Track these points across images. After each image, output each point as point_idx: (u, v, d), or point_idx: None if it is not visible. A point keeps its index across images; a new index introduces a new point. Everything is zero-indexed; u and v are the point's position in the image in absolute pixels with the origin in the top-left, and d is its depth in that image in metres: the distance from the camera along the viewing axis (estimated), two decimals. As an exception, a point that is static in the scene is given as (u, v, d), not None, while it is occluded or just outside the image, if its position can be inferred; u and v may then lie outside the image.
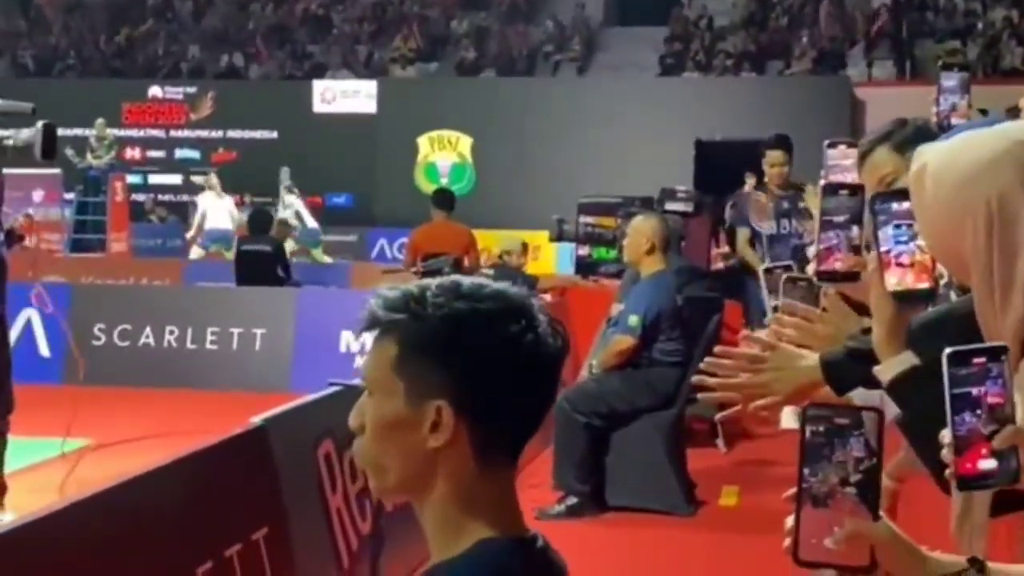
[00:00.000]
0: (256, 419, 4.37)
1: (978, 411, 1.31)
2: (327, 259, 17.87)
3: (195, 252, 17.15)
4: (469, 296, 1.42)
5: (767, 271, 2.51)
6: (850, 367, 2.15)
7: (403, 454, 1.44)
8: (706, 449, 7.62)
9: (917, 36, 22.34)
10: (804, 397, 2.23)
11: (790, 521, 1.31)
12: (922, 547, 1.34)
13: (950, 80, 2.86)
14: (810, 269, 2.11)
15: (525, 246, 10.72)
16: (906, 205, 1.82)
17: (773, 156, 8.11)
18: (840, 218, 1.99)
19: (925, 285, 1.81)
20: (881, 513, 1.31)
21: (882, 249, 1.83)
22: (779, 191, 8.04)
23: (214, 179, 18.04)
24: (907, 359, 1.82)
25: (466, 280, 1.45)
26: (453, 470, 1.43)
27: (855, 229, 1.99)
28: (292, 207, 18.06)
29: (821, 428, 1.30)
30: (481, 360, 1.41)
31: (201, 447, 3.89)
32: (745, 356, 2.28)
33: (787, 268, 2.48)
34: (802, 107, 20.22)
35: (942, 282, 2.00)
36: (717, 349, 2.35)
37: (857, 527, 1.28)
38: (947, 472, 1.32)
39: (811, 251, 2.08)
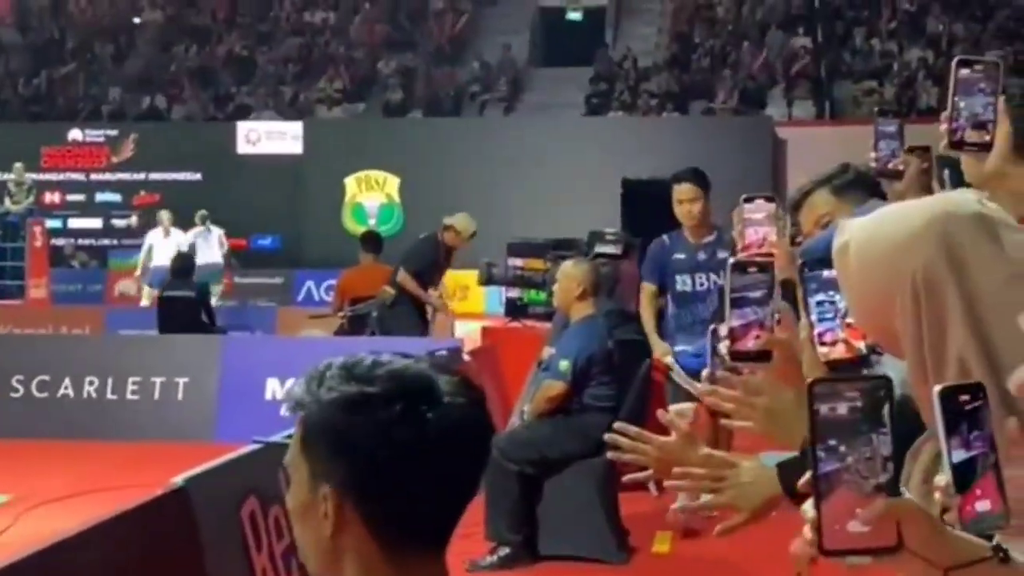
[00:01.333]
0: (177, 479, 4.23)
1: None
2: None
3: (145, 296, 16.07)
4: (361, 378, 1.39)
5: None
6: (800, 463, 2.09)
7: (312, 541, 1.42)
8: (638, 493, 7.58)
9: (836, 77, 22.74)
10: (772, 509, 2.15)
11: (809, 511, 1.20)
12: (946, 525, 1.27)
13: (888, 126, 2.84)
14: (722, 348, 2.04)
15: None
16: (833, 273, 1.79)
17: (681, 191, 6.59)
18: (752, 295, 1.94)
19: (850, 355, 1.80)
20: (902, 488, 1.23)
21: (812, 319, 1.81)
22: (695, 238, 6.65)
23: (164, 214, 17.54)
24: None
25: (368, 360, 1.41)
26: (358, 559, 1.38)
27: (767, 306, 1.93)
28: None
29: (831, 405, 1.20)
30: (365, 447, 1.36)
31: (119, 511, 3.74)
32: (706, 476, 2.18)
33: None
34: (725, 146, 20.45)
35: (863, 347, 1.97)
36: (675, 471, 2.20)
37: (888, 504, 1.19)
38: (947, 515, 1.26)
39: (723, 329, 2.01)
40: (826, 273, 1.78)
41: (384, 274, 10.77)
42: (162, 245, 16.83)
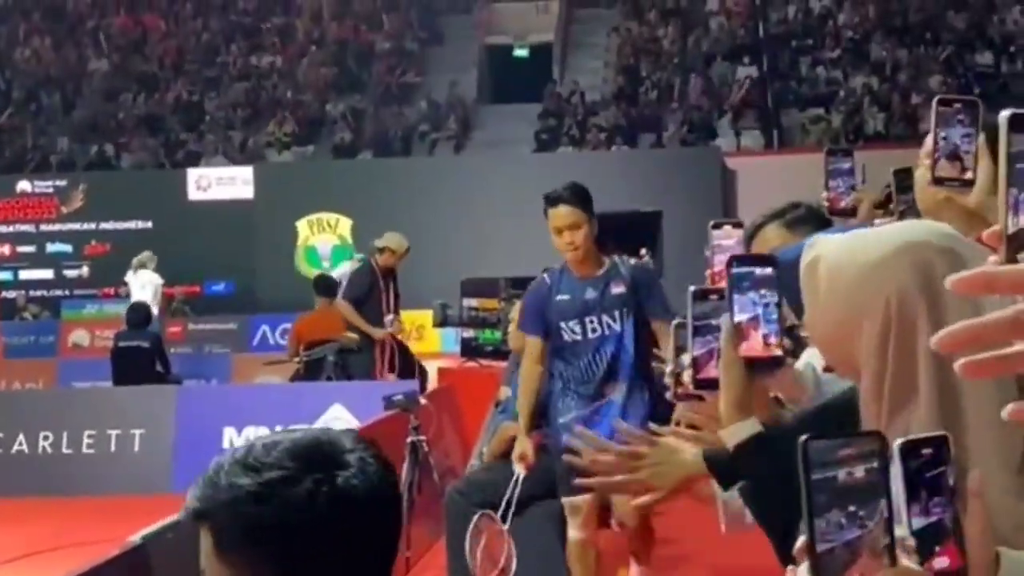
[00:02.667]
0: (135, 537, 4.20)
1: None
2: None
3: None
4: (255, 468, 1.34)
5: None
6: (731, 462, 2.14)
7: None
8: (600, 531, 7.57)
9: (783, 106, 23.00)
10: (685, 491, 2.21)
11: None
12: None
13: (842, 163, 2.83)
14: (686, 377, 2.04)
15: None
16: (764, 271, 1.82)
17: (558, 215, 5.08)
18: (714, 322, 1.92)
19: (775, 353, 1.81)
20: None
21: (736, 316, 1.82)
22: (582, 272, 5.15)
23: (146, 256, 17.17)
24: (752, 426, 1.82)
25: (258, 447, 1.37)
26: None
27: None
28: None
29: (827, 467, 1.13)
30: (282, 534, 1.32)
31: (75, 573, 3.70)
32: (622, 453, 2.25)
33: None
34: (675, 178, 20.63)
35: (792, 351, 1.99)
36: (597, 447, 2.30)
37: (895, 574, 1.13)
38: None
39: (686, 358, 2.01)
40: (754, 270, 1.80)
41: (338, 318, 10.75)
42: (137, 291, 16.64)
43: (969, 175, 1.87)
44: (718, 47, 24.44)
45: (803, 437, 1.16)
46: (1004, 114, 1.06)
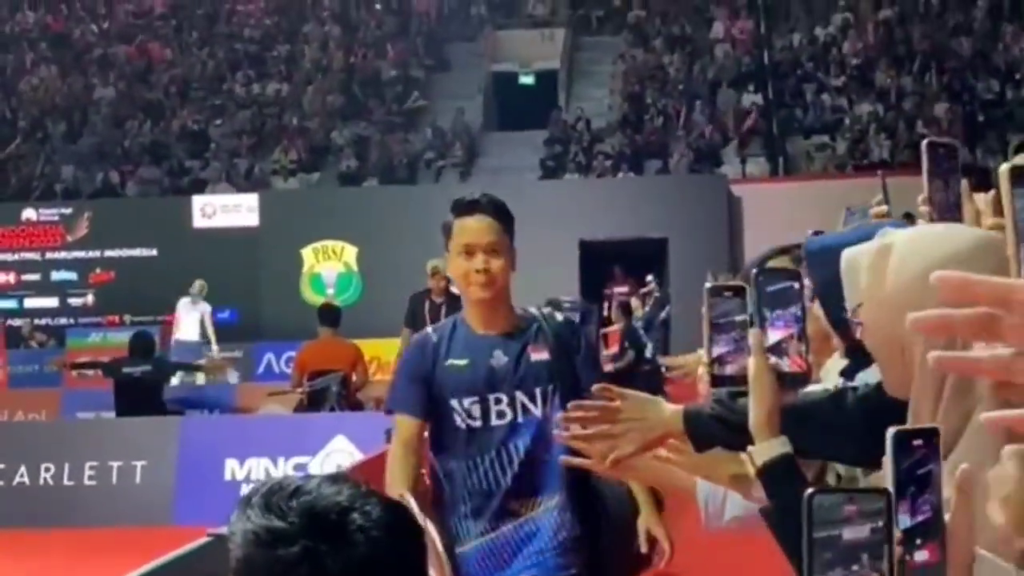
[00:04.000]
0: (133, 575, 4.15)
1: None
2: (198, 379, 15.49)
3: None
4: (274, 509, 1.40)
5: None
6: (711, 424, 2.12)
7: None
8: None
9: (788, 133, 23.00)
10: (655, 447, 2.20)
11: None
12: None
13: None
14: (702, 372, 2.05)
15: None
16: (790, 285, 1.83)
17: (471, 229, 3.48)
18: (735, 319, 1.93)
19: (803, 368, 1.82)
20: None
21: (764, 331, 1.82)
22: (487, 326, 3.51)
23: (197, 284, 17.24)
24: (782, 445, 1.81)
25: (291, 487, 1.40)
26: None
27: (743, 331, 1.93)
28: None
29: (831, 525, 1.12)
30: None
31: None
32: (596, 407, 2.23)
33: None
34: (681, 205, 20.62)
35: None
36: (570, 404, 2.30)
37: None
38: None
39: (702, 353, 2.03)
40: (779, 284, 1.80)
41: (343, 347, 10.70)
42: (186, 317, 16.76)
43: (957, 215, 1.89)
44: (723, 74, 24.46)
45: (808, 492, 1.14)
46: (1004, 168, 1.03)
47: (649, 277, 19.78)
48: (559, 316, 3.64)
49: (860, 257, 1.64)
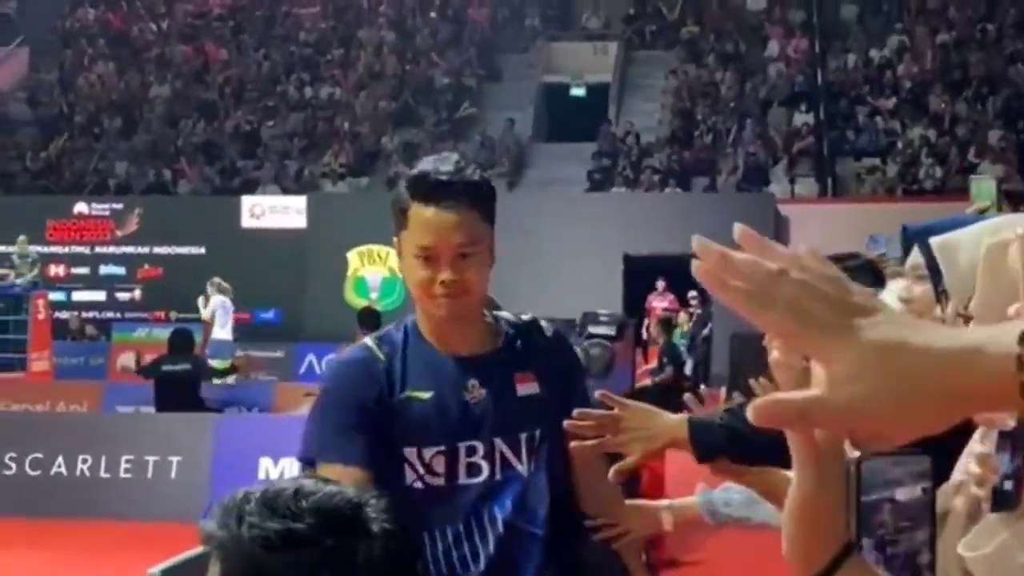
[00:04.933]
0: (153, 570, 4.21)
1: None
2: (228, 380, 14.61)
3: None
4: (284, 514, 1.34)
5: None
6: (718, 434, 2.11)
7: None
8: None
9: (838, 154, 22.85)
10: (657, 456, 2.23)
11: None
12: None
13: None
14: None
15: None
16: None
17: (437, 219, 2.36)
18: None
19: None
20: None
21: None
22: (457, 344, 2.48)
23: (218, 280, 17.37)
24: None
25: (289, 492, 1.37)
26: None
27: None
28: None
29: (879, 488, 1.13)
30: None
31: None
32: (601, 416, 2.25)
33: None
34: (727, 223, 20.07)
35: None
36: (575, 412, 2.34)
37: None
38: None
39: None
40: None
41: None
42: (225, 315, 16.84)
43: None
44: (775, 93, 24.36)
45: (855, 458, 1.12)
46: (1020, 231, 1.01)
47: (692, 293, 19.71)
48: (546, 327, 2.57)
49: (968, 242, 1.58)
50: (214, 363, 14.47)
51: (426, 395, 2.40)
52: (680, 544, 7.33)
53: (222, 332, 16.80)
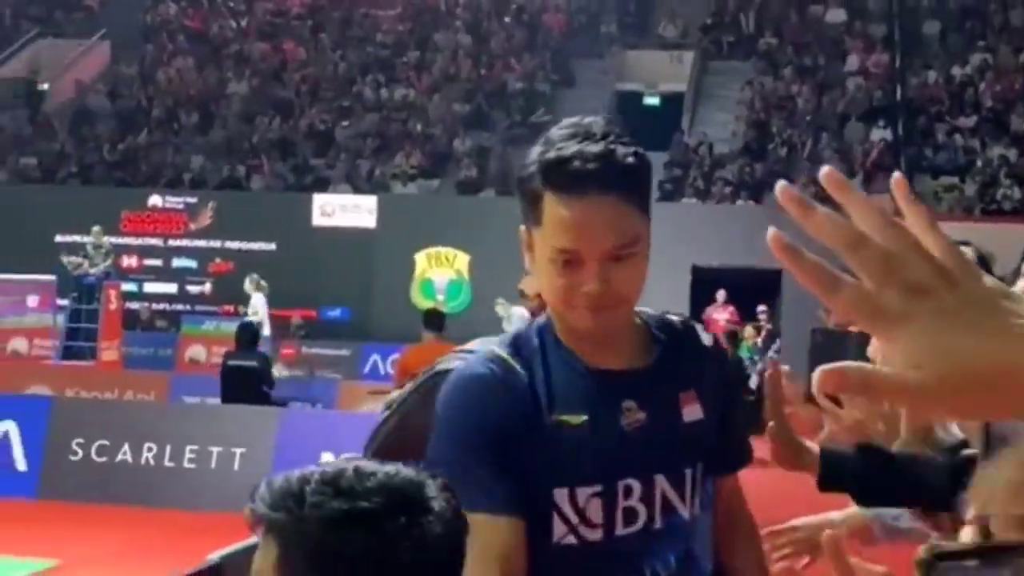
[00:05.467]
0: (213, 556, 4.21)
1: None
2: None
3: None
4: (348, 493, 1.33)
5: None
6: (847, 469, 2.02)
7: None
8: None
9: (915, 171, 22.52)
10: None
11: None
12: None
13: None
14: None
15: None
16: None
17: (572, 221, 1.84)
18: None
19: None
20: None
21: None
22: (607, 355, 1.95)
23: (257, 277, 17.61)
24: None
25: (349, 471, 1.36)
26: None
27: None
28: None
29: None
30: (361, 563, 1.31)
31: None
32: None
33: None
34: (799, 237, 20.07)
35: None
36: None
37: None
38: None
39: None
40: None
41: (445, 352, 10.72)
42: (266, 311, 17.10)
43: None
44: (853, 108, 24.07)
45: (928, 551, 1.06)
46: None
47: (761, 308, 19.52)
48: (701, 332, 2.06)
49: None
50: None
51: (579, 419, 1.86)
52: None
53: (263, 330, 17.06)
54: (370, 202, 22.78)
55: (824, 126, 23.71)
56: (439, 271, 22.27)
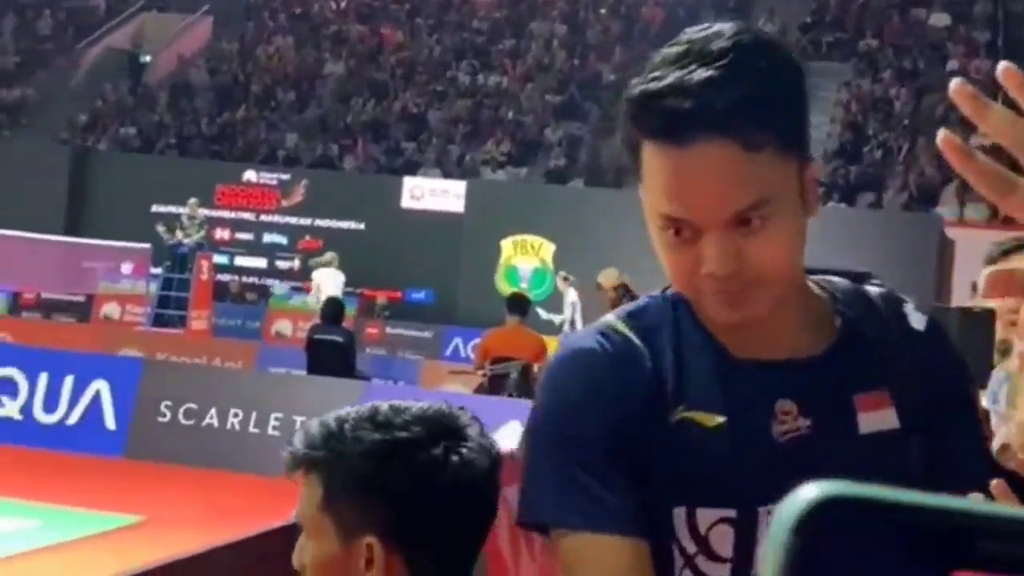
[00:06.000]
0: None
1: None
2: None
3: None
4: (387, 426, 1.39)
5: None
6: None
7: None
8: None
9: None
10: None
11: None
12: None
13: None
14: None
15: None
16: None
17: (675, 178, 1.36)
18: None
19: None
20: None
21: None
22: (760, 344, 1.46)
23: (329, 256, 17.81)
24: None
25: (385, 407, 1.42)
26: None
27: None
28: None
29: None
30: (404, 492, 1.37)
31: (235, 539, 3.85)
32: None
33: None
34: (890, 242, 20.05)
35: None
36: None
37: None
38: None
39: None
40: None
41: (528, 336, 10.84)
42: (328, 287, 17.24)
43: None
44: (954, 112, 23.66)
45: None
46: None
47: (847, 311, 19.32)
48: (912, 312, 1.57)
49: None
50: None
51: (714, 420, 1.41)
52: None
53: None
54: (459, 187, 22.92)
55: (921, 130, 23.34)
56: (524, 259, 22.35)
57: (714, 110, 1.30)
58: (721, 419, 1.40)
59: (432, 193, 22.92)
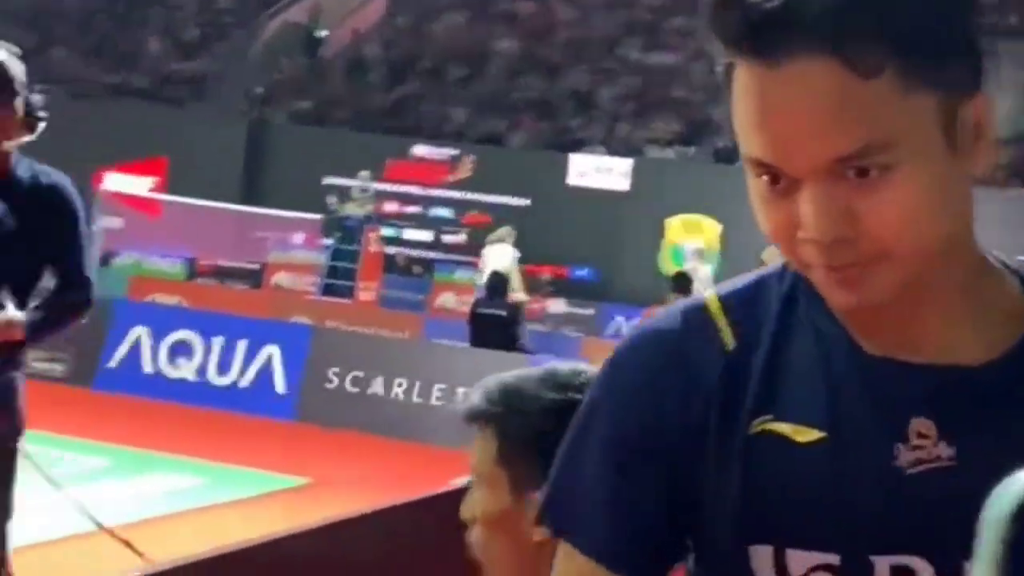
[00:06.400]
0: (458, 480, 4.41)
1: None
2: None
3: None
4: (565, 386, 1.43)
5: None
6: None
7: (510, 547, 1.45)
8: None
9: None
10: None
11: None
12: None
13: None
14: None
15: None
16: None
17: (762, 110, 1.09)
18: None
19: None
20: None
21: None
22: (904, 344, 1.10)
23: (503, 231, 17.72)
24: None
25: (564, 368, 1.45)
26: None
27: None
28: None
29: None
30: None
31: (402, 501, 3.95)
32: None
33: None
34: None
35: None
36: None
37: None
38: None
39: None
40: None
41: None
42: (495, 264, 17.27)
43: None
44: None
45: None
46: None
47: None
48: None
49: None
50: None
51: (810, 435, 1.08)
52: None
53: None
54: (625, 165, 22.84)
55: (1112, 114, 22.28)
56: (689, 239, 22.16)
57: (809, 14, 0.96)
58: (819, 434, 1.05)
59: (597, 171, 22.90)
